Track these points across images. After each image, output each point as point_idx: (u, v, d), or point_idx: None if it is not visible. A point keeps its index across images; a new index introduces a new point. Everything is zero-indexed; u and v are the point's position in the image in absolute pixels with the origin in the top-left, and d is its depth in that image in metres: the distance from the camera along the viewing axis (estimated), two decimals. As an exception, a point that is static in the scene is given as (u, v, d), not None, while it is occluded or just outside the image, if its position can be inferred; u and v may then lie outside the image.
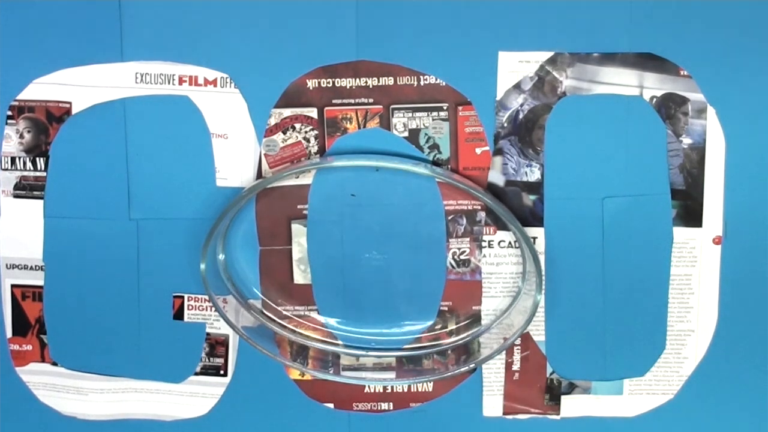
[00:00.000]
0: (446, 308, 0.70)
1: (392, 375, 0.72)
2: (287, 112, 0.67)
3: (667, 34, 0.65)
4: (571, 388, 0.71)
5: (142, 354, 0.72)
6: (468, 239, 0.69)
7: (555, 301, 0.69)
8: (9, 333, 0.72)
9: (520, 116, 0.67)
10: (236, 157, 0.68)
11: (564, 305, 0.69)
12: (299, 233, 0.69)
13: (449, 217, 0.68)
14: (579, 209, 0.68)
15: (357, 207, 0.68)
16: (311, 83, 0.67)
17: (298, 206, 0.68)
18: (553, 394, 0.71)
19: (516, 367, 0.71)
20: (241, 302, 0.70)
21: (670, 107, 0.66)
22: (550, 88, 0.66)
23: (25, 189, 0.69)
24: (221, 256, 0.69)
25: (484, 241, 0.69)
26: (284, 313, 0.71)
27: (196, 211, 0.68)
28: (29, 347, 0.72)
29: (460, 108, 0.67)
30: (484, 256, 0.69)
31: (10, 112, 0.68)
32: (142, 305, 0.71)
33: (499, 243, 0.69)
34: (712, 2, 0.65)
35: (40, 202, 0.69)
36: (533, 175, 0.67)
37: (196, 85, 0.67)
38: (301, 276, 0.70)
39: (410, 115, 0.67)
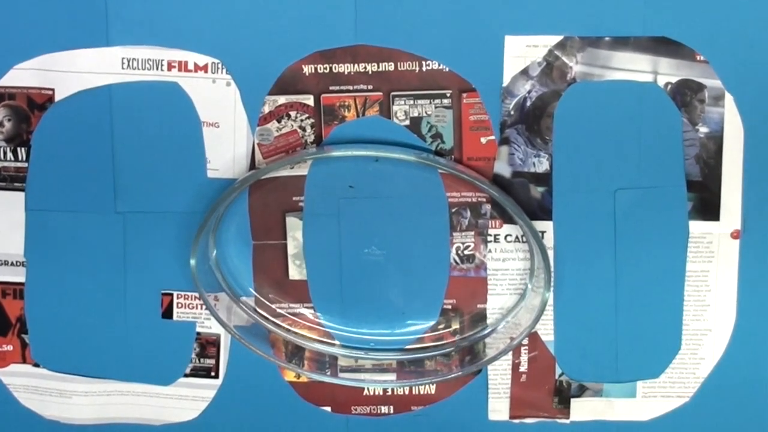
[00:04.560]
0: (450, 307, 0.72)
1: (393, 377, 0.73)
2: (282, 99, 0.68)
3: (683, 18, 0.66)
4: (581, 391, 0.73)
5: (128, 355, 0.73)
6: (472, 233, 0.70)
7: (564, 299, 0.71)
8: (-12, 332, 0.73)
9: (528, 104, 0.68)
10: (228, 146, 0.69)
11: (574, 303, 0.71)
12: (294, 227, 0.70)
13: (453, 210, 0.70)
14: (590, 202, 0.69)
15: (355, 199, 0.69)
16: (307, 69, 0.68)
17: (294, 198, 0.70)
18: (563, 396, 0.73)
19: (523, 368, 0.72)
20: (234, 300, 0.72)
21: (685, 94, 0.67)
22: (559, 74, 0.67)
23: (5, 180, 0.70)
24: (212, 252, 0.71)
25: (490, 235, 0.70)
26: (279, 311, 0.72)
27: (185, 203, 0.70)
28: (10, 347, 0.73)
29: (464, 95, 0.68)
30: (490, 251, 0.70)
31: (-11, 100, 0.69)
32: (128, 303, 0.72)
33: (505, 237, 0.70)
34: (729, -16, 0.66)
35: (22, 194, 0.70)
36: (541, 165, 0.69)
37: (186, 71, 0.68)
38: (296, 272, 0.71)
39: (412, 102, 0.68)
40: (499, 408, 0.73)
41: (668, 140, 0.68)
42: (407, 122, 0.69)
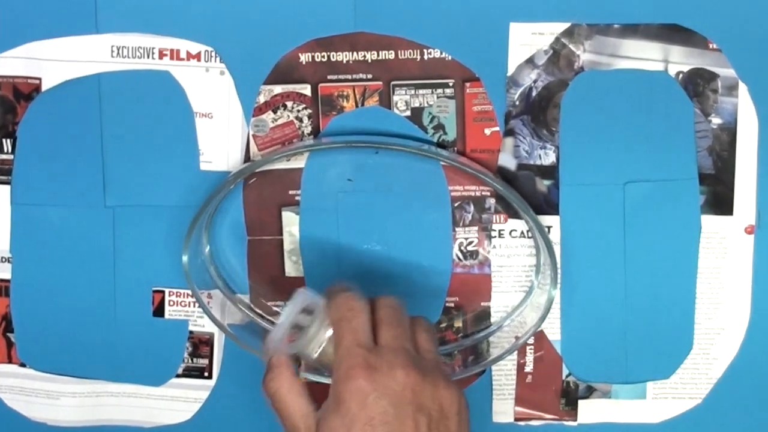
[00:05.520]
0: (452, 305, 0.71)
1: None
2: (278, 89, 0.68)
3: (695, 4, 0.66)
4: (589, 392, 0.72)
5: (118, 354, 0.72)
6: (476, 228, 0.70)
7: (571, 297, 0.70)
8: (-28, 332, 0.73)
9: (534, 93, 0.68)
10: (222, 138, 0.69)
11: (581, 301, 0.70)
12: (291, 222, 0.70)
13: (455, 204, 0.69)
14: (598, 195, 0.69)
15: (354, 193, 0.69)
16: (304, 57, 0.67)
17: (290, 192, 0.69)
18: (570, 398, 0.72)
19: (529, 368, 0.72)
20: (228, 297, 0.71)
21: (698, 84, 0.67)
22: (566, 63, 0.67)
23: (-10, 173, 0.70)
24: (205, 247, 0.70)
25: (494, 230, 0.70)
26: (274, 309, 0.72)
27: (178, 197, 0.69)
28: (-6, 347, 0.73)
29: (467, 84, 0.68)
30: (494, 247, 0.70)
31: (-27, 90, 0.69)
32: (118, 301, 0.72)
33: (510, 232, 0.70)
34: (744, -31, 0.66)
35: (7, 187, 0.70)
36: (548, 158, 0.69)
37: (178, 60, 0.68)
38: (292, 268, 0.71)
39: (413, 92, 0.68)
40: (503, 410, 0.73)
41: (680, 131, 0.68)
42: (408, 113, 0.68)
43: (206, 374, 0.73)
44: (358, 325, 0.56)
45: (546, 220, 0.69)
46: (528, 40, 0.67)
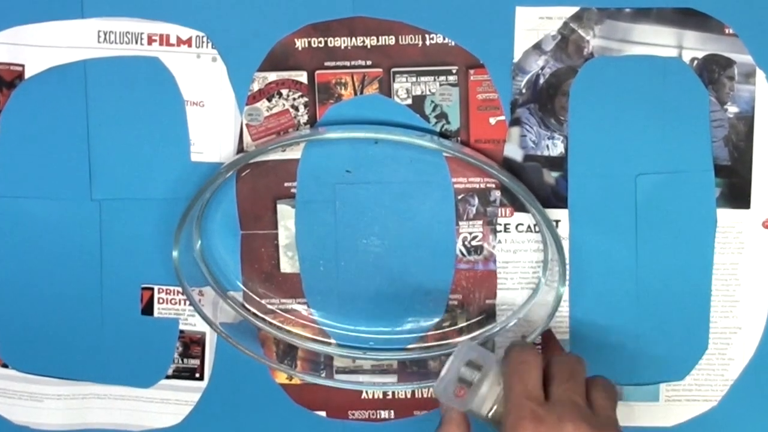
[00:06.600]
0: (456, 302, 0.71)
1: (393, 379, 0.72)
2: (273, 76, 0.68)
3: (711, -13, 0.66)
4: None
5: (105, 355, 0.72)
6: (481, 222, 0.69)
7: (580, 294, 0.70)
8: (-48, 331, 0.73)
9: (541, 81, 0.67)
10: (214, 127, 0.68)
11: (591, 298, 0.70)
12: (286, 215, 0.69)
13: (459, 197, 0.69)
14: (608, 188, 0.68)
15: (353, 185, 0.69)
16: (300, 43, 0.67)
17: (285, 184, 0.69)
18: None
19: None
20: (220, 295, 0.71)
21: (713, 71, 0.67)
22: (575, 49, 0.67)
23: (-29, 165, 0.70)
24: (197, 242, 0.70)
25: (500, 224, 0.69)
26: (269, 307, 0.72)
27: (167, 190, 0.69)
28: (-24, 347, 0.74)
29: (471, 72, 0.67)
30: (500, 241, 0.70)
31: (-47, 77, 0.69)
32: (105, 298, 0.71)
33: (516, 227, 0.69)
34: (761, -50, 0.65)
35: None
36: (556, 148, 0.68)
37: (168, 45, 0.68)
38: (288, 264, 0.71)
39: (414, 79, 0.67)
40: (509, 413, 0.72)
41: (694, 121, 0.67)
42: (409, 101, 0.68)
43: (197, 375, 0.73)
44: (530, 378, 0.58)
45: (554, 213, 0.69)
46: (535, 25, 0.66)
